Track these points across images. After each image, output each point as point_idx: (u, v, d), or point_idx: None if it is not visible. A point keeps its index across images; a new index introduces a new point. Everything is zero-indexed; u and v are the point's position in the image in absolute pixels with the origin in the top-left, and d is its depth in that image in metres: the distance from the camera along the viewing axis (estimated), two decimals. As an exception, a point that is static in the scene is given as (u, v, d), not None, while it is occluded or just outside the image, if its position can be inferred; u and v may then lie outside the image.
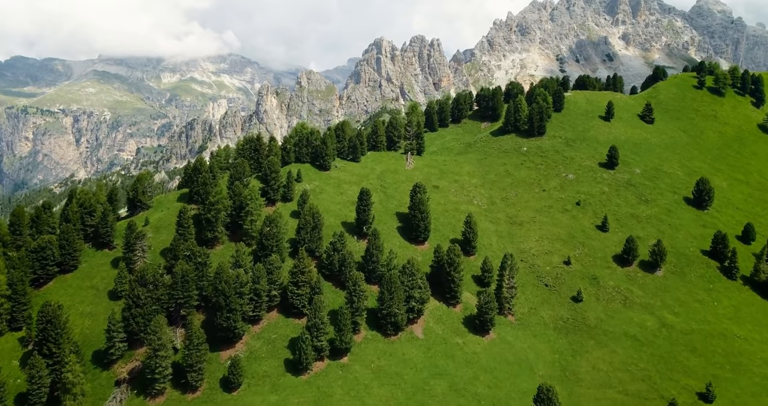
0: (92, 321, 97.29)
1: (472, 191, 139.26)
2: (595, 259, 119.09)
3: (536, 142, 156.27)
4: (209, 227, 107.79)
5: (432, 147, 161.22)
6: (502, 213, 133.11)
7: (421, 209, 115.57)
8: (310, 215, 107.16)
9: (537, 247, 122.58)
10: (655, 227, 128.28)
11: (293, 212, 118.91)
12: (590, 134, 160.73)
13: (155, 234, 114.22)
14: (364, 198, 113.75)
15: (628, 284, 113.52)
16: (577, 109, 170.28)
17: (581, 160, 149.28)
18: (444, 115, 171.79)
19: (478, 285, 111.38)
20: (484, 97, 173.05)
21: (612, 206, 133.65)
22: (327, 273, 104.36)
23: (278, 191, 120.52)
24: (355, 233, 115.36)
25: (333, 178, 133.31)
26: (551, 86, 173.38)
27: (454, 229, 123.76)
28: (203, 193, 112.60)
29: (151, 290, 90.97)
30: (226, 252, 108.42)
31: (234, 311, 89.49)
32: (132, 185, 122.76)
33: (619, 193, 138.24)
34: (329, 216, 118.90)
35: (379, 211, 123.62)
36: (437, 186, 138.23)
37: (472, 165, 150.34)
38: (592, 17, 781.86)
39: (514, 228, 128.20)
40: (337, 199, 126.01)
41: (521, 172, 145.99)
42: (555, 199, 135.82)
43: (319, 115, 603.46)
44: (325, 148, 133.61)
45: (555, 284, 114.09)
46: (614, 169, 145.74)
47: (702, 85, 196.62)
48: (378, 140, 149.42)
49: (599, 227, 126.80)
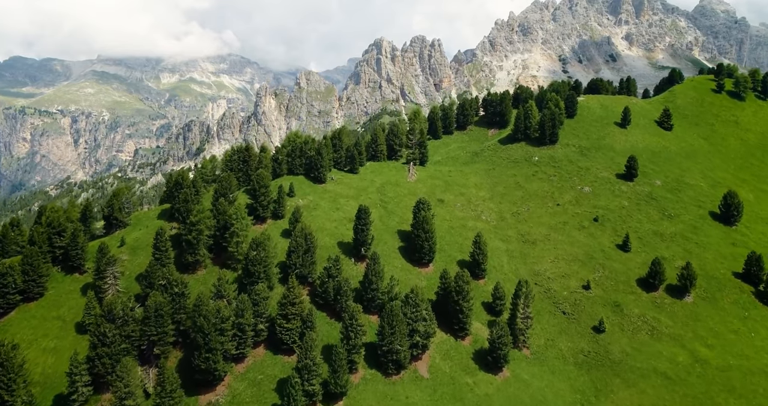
0: (56, 358, 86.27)
1: (480, 205, 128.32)
2: (617, 283, 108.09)
3: (548, 151, 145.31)
4: (190, 250, 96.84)
5: (436, 156, 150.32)
6: (512, 230, 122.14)
7: (425, 229, 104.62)
8: (302, 236, 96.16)
9: (552, 269, 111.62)
10: (681, 245, 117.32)
11: (284, 231, 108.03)
12: (606, 142, 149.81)
13: (132, 256, 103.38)
14: (362, 217, 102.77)
15: (655, 311, 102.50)
16: (590, 115, 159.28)
17: (597, 171, 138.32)
18: (448, 122, 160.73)
19: (488, 313, 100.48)
20: (491, 102, 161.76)
21: (633, 222, 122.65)
22: (321, 302, 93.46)
23: (268, 208, 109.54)
24: (352, 255, 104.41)
25: (329, 192, 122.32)
26: (563, 90, 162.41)
27: (461, 248, 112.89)
28: (184, 211, 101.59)
29: (119, 326, 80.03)
30: (209, 277, 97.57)
31: (214, 350, 78.57)
32: (107, 201, 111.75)
33: (640, 207, 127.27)
34: (324, 235, 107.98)
35: (379, 229, 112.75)
36: (442, 200, 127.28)
37: (480, 176, 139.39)
38: (595, 17, 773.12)
39: (526, 247, 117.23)
40: (332, 215, 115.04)
41: (533, 184, 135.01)
42: (570, 215, 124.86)
43: (318, 116, 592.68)
44: (320, 159, 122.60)
45: (574, 311, 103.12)
46: (633, 181, 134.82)
47: (721, 88, 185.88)
48: (378, 149, 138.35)
49: (620, 246, 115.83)
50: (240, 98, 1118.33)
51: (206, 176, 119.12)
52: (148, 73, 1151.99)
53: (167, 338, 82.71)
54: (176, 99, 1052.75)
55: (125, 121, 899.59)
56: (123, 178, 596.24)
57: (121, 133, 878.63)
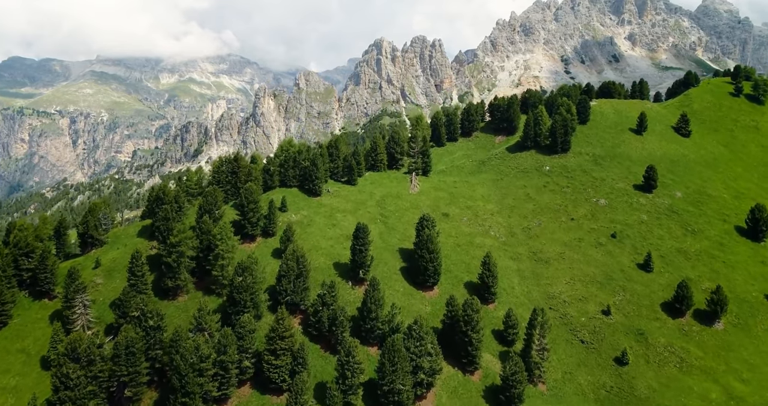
0: (16, 399, 77.06)
1: (488, 220, 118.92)
2: (639, 307, 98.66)
3: (560, 160, 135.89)
4: (170, 274, 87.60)
5: (439, 165, 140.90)
6: (523, 247, 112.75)
7: (429, 249, 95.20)
8: (294, 259, 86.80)
9: (568, 291, 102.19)
10: (707, 265, 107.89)
11: (275, 251, 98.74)
12: (621, 150, 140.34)
13: (107, 279, 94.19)
14: (360, 236, 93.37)
15: (683, 341, 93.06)
16: (604, 121, 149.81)
17: (613, 181, 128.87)
18: (453, 128, 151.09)
19: (500, 343, 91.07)
20: (498, 107, 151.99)
21: (654, 238, 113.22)
22: (314, 333, 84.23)
23: (257, 225, 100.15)
24: (349, 278, 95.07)
25: (324, 207, 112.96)
26: (574, 94, 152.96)
27: (468, 268, 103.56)
28: (164, 229, 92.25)
29: (85, 367, 70.76)
30: (190, 304, 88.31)
31: (192, 394, 69.29)
32: (83, 218, 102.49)
33: (661, 222, 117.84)
34: (318, 255, 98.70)
35: (379, 247, 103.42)
36: (447, 214, 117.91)
37: (487, 187, 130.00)
38: (597, 17, 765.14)
39: (539, 266, 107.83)
40: (328, 232, 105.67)
41: (544, 196, 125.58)
42: (586, 231, 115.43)
43: (318, 117, 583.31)
44: (315, 171, 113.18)
45: (593, 340, 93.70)
46: (652, 193, 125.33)
47: (739, 92, 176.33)
48: (377, 158, 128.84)
49: (641, 265, 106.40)
50: (240, 99, 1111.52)
51: (191, 189, 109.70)
52: (148, 73, 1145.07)
53: (140, 378, 73.50)
54: (175, 99, 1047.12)
55: (124, 122, 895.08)
56: (120, 180, 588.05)
57: (120, 134, 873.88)
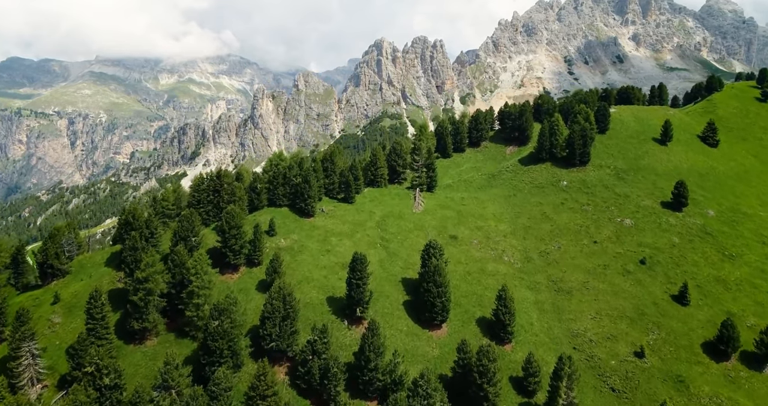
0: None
1: (501, 243, 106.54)
2: (677, 349, 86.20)
3: (579, 174, 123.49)
4: (137, 314, 75.31)
5: (446, 179, 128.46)
6: (542, 274, 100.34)
7: (437, 282, 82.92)
8: (280, 298, 74.48)
9: (595, 328, 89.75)
10: (750, 296, 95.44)
11: (261, 283, 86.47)
12: (645, 163, 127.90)
13: (66, 318, 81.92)
14: (358, 268, 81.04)
15: (730, 389, 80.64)
16: (625, 130, 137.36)
17: (638, 198, 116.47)
18: (460, 138, 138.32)
19: (518, 392, 78.61)
20: (509, 114, 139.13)
21: (688, 265, 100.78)
22: (303, 386, 71.97)
23: (240, 254, 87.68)
24: (345, 316, 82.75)
25: (318, 229, 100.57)
26: (591, 100, 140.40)
27: (480, 301, 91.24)
28: (132, 261, 80.00)
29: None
30: (160, 350, 76.02)
31: (151, 474, 57.14)
32: (42, 245, 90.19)
33: (694, 245, 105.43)
34: (310, 288, 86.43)
35: (380, 277, 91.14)
36: (455, 236, 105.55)
37: (499, 205, 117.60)
38: (601, 17, 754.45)
39: (560, 298, 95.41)
40: (321, 260, 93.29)
41: (562, 215, 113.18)
42: (611, 256, 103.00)
43: (317, 119, 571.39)
44: (307, 188, 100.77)
45: (626, 388, 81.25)
46: (682, 212, 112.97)
47: (766, 97, 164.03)
48: (377, 173, 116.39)
49: (676, 297, 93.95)
50: (240, 99, 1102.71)
51: (168, 210, 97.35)
52: (147, 73, 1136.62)
53: (92, 450, 61.24)
54: (175, 100, 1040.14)
55: (123, 123, 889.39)
56: (116, 183, 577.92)
57: (119, 135, 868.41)
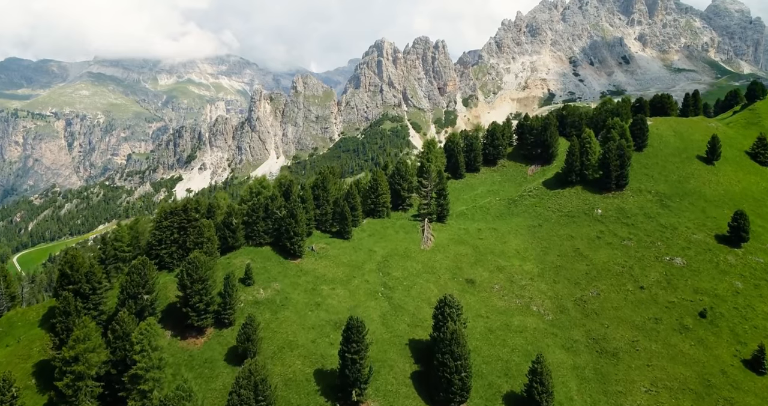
0: None
1: (528, 287, 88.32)
2: (758, 436, 68.29)
3: (615, 201, 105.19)
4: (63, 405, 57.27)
5: (458, 205, 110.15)
6: (579, 330, 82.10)
7: (455, 354, 64.75)
8: (250, 386, 56.33)
9: (651, 405, 71.64)
10: (839, 360, 77.30)
11: (231, 351, 68.35)
12: (691, 186, 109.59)
13: (-20, 400, 63.76)
14: (354, 337, 62.90)
15: None
16: (665, 147, 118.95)
17: (688, 231, 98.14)
18: (474, 155, 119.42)
19: None
20: (530, 128, 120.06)
21: (758, 319, 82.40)
22: None
23: (206, 314, 69.53)
24: (337, 399, 64.64)
25: (306, 275, 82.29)
26: (624, 112, 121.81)
27: (507, 369, 73.16)
28: (62, 330, 61.94)
29: None
30: (93, 452, 57.98)
31: None
32: (-42, 300, 72.31)
33: (762, 292, 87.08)
34: (294, 358, 68.33)
35: (382, 339, 73.04)
36: (472, 281, 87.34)
37: (522, 238, 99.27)
38: (606, 17, 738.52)
39: (604, 363, 77.18)
40: (309, 318, 75.06)
41: (599, 252, 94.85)
42: (663, 306, 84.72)
43: (316, 122, 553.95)
44: (293, 224, 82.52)
45: None
46: (742, 248, 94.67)
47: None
48: (379, 201, 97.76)
49: (749, 363, 75.74)
50: (239, 100, 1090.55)
51: (122, 253, 79.14)
52: (145, 74, 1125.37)
53: None
54: (174, 101, 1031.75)
55: (121, 124, 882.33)
56: (110, 188, 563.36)
57: (117, 137, 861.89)
